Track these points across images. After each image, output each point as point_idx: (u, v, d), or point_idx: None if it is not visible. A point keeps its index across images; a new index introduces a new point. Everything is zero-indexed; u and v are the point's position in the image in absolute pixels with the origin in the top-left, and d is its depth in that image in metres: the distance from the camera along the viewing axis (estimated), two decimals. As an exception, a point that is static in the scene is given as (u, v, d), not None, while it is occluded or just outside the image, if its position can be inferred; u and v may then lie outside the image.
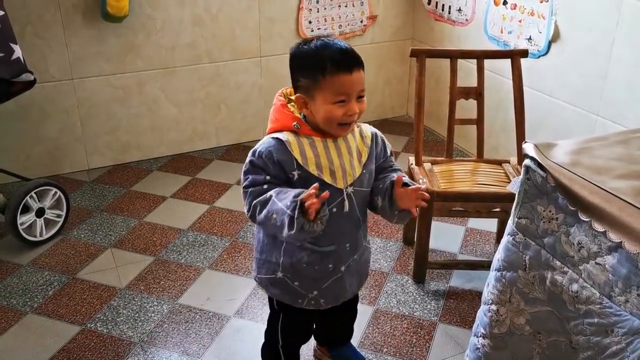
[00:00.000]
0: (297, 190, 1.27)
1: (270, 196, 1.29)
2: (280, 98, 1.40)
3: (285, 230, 1.24)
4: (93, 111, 2.89)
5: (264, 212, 1.29)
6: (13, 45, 2.12)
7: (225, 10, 2.97)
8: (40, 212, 2.33)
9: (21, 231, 2.27)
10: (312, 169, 1.33)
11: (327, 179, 1.34)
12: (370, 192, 1.44)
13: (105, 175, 2.93)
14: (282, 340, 1.58)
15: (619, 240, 1.12)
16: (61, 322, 1.96)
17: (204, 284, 2.15)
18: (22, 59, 2.17)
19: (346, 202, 1.37)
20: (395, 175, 1.40)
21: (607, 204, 1.15)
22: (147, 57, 2.90)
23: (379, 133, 1.47)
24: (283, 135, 1.34)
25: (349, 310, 1.70)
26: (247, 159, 1.36)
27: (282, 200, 1.26)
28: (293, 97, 1.38)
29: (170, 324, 1.96)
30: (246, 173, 1.36)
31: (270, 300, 1.55)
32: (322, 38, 1.35)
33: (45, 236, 2.37)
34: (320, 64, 1.29)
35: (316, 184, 1.25)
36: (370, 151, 1.42)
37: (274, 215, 1.26)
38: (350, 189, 1.37)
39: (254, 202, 1.32)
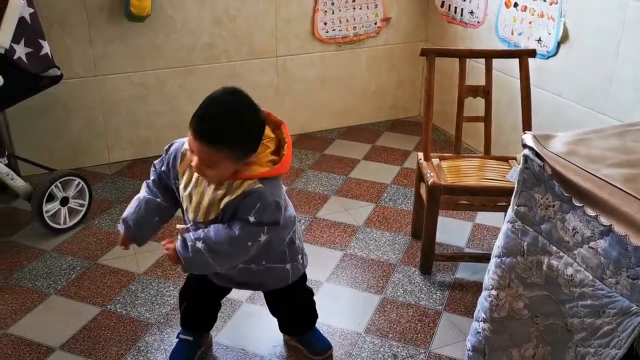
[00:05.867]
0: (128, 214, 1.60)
1: (137, 197, 1.62)
2: None
3: None
4: (115, 107, 2.99)
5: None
6: (42, 41, 2.23)
7: (243, 12, 3.06)
8: (64, 201, 2.44)
9: (46, 218, 2.38)
10: (181, 190, 1.55)
11: (185, 204, 1.55)
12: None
13: (125, 168, 3.03)
14: (181, 290, 1.81)
15: (609, 224, 1.18)
16: (83, 303, 2.06)
17: (218, 272, 2.23)
18: (50, 55, 2.27)
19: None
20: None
21: (599, 189, 1.21)
22: (168, 55, 3.00)
23: (253, 196, 1.45)
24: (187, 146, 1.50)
25: (281, 301, 1.77)
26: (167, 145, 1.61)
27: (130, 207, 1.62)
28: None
29: (186, 308, 2.04)
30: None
31: None
32: (220, 95, 1.45)
33: (69, 224, 2.47)
34: (196, 111, 1.43)
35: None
36: (227, 205, 1.47)
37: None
38: (202, 226, 1.51)
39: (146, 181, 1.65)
